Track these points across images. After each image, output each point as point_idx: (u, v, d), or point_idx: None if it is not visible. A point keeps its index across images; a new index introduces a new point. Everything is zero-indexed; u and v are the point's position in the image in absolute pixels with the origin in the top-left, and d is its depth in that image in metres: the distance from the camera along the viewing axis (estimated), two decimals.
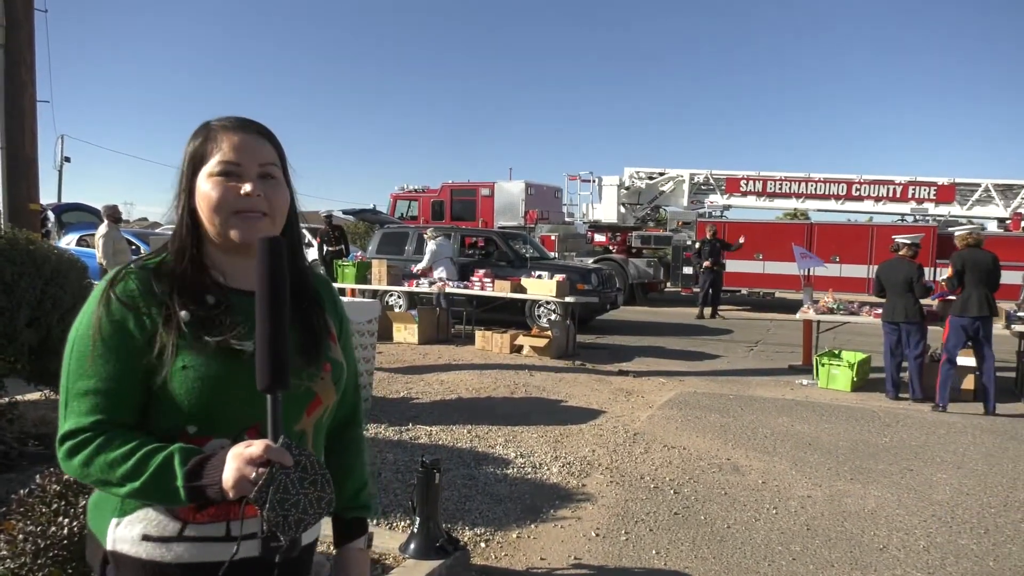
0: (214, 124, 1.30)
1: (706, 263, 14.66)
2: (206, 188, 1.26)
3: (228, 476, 1.09)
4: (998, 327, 7.83)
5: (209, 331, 1.22)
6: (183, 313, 1.22)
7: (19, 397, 4.87)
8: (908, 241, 7.76)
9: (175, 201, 1.31)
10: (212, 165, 1.26)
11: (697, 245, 15.41)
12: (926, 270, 14.97)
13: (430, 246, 11.65)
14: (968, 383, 7.66)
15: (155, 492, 1.14)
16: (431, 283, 10.91)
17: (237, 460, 1.09)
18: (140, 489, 1.14)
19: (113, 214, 10.38)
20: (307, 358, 1.30)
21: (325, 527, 1.41)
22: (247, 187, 1.25)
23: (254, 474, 1.07)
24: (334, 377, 1.36)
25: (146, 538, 1.21)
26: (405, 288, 11.14)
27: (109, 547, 1.23)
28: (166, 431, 1.21)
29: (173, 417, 1.21)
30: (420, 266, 11.46)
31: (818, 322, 9.14)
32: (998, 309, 7.25)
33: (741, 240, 15.27)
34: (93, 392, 1.19)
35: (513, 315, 11.57)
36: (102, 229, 10.27)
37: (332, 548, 1.46)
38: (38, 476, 2.57)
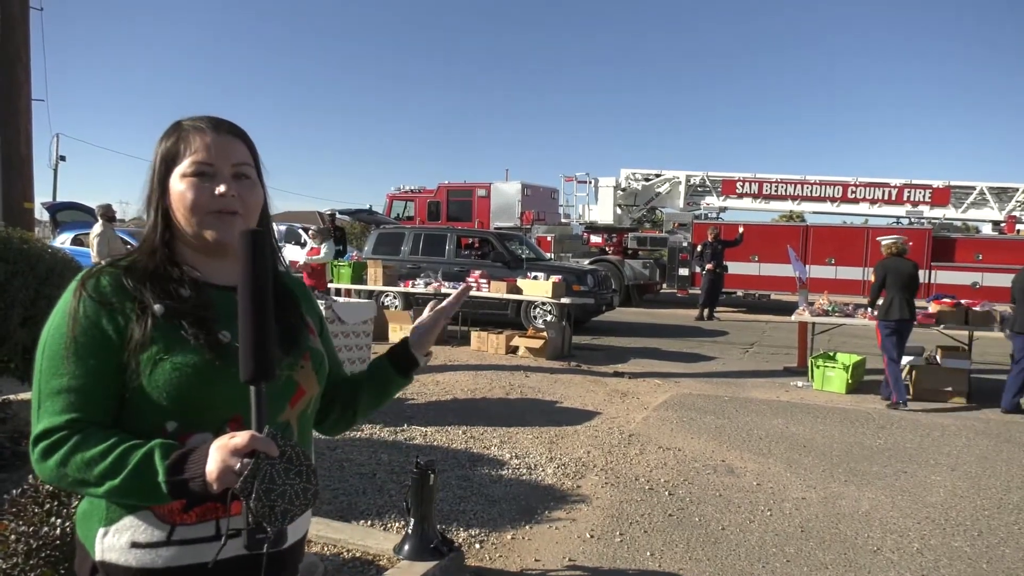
0: (186, 124, 1.30)
1: (708, 265, 14.71)
2: (180, 188, 1.26)
3: (212, 467, 1.06)
4: (994, 332, 7.93)
5: (185, 324, 1.21)
6: (157, 306, 1.20)
7: (12, 396, 4.86)
8: None
9: (146, 200, 1.31)
10: (185, 166, 1.26)
11: (699, 248, 15.44)
12: (921, 272, 15.23)
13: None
14: (944, 383, 7.75)
15: (136, 490, 1.11)
16: (427, 284, 10.92)
17: (221, 451, 1.06)
18: (119, 487, 1.11)
19: (107, 213, 10.35)
20: (286, 348, 1.29)
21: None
22: (221, 187, 1.25)
23: (239, 465, 1.05)
24: (315, 366, 1.36)
25: (135, 545, 1.19)
26: (401, 288, 11.14)
27: (98, 557, 1.21)
28: (144, 430, 1.17)
29: (151, 414, 1.19)
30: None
31: (813, 324, 9.15)
32: (915, 311, 7.60)
33: (741, 230, 15.31)
34: (67, 390, 1.16)
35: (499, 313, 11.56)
36: (97, 228, 10.23)
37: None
38: (31, 476, 2.56)
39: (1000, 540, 4.09)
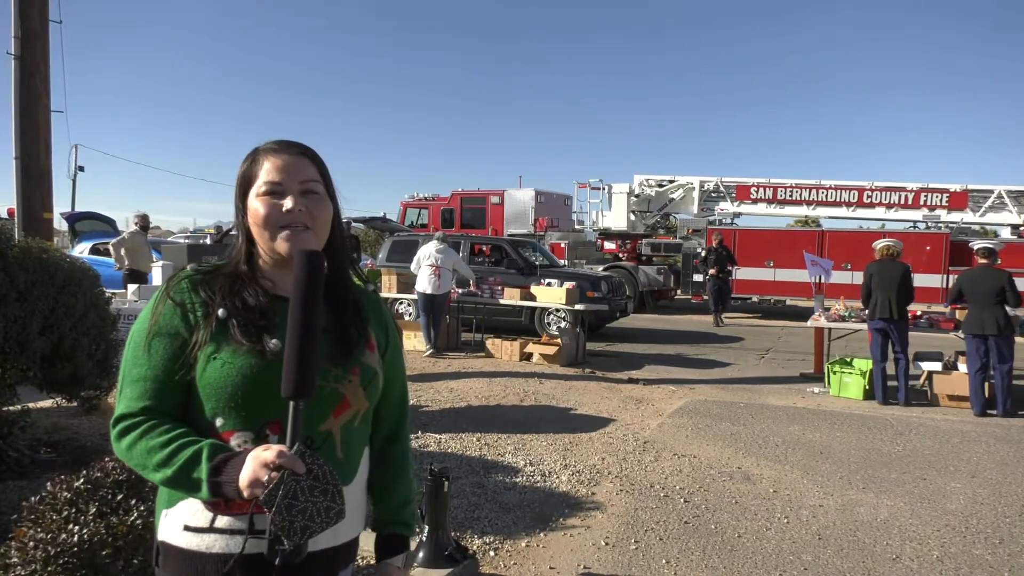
0: (260, 148, 1.42)
1: (711, 271, 14.68)
2: (254, 206, 1.37)
3: (244, 476, 1.14)
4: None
5: (244, 329, 1.31)
6: (220, 311, 1.32)
7: (31, 404, 4.90)
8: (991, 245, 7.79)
9: (235, 219, 1.45)
10: (258, 185, 1.37)
11: (703, 253, 15.45)
12: (939, 277, 15.09)
13: None
14: (962, 389, 7.63)
15: (182, 482, 1.22)
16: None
17: (253, 462, 1.15)
18: (171, 478, 1.22)
19: (143, 222, 11.10)
20: (335, 360, 1.35)
21: (366, 543, 1.47)
22: (288, 203, 1.35)
23: (266, 477, 1.12)
24: (363, 382, 1.39)
25: (186, 528, 1.29)
26: (414, 296, 11.15)
27: (160, 538, 1.33)
28: (201, 423, 1.29)
29: (204, 409, 1.29)
30: None
31: (829, 330, 9.09)
32: (905, 312, 7.87)
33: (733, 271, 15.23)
34: (143, 379, 1.29)
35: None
36: (124, 236, 10.88)
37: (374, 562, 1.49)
38: (49, 483, 2.58)
39: (1022, 548, 4.02)
